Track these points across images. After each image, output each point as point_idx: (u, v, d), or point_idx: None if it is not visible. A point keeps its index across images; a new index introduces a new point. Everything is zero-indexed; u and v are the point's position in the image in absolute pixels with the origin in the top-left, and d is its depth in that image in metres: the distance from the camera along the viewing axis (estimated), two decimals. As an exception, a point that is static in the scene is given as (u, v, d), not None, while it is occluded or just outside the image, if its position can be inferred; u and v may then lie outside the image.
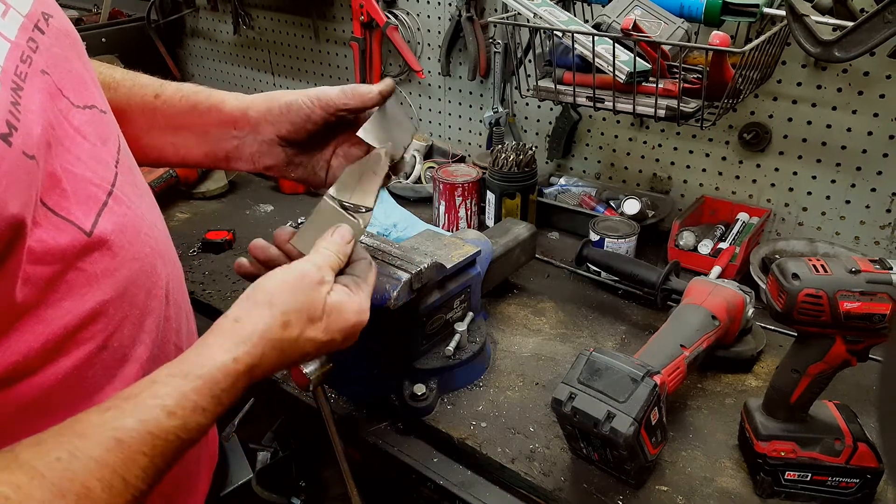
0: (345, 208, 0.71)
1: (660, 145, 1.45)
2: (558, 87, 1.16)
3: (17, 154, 0.45)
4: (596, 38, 1.06)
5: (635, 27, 1.03)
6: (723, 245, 1.26)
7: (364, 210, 0.72)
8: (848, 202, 1.26)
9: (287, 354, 0.61)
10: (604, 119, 1.51)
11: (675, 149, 1.44)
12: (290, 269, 0.64)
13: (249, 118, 0.76)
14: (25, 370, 0.51)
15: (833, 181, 1.26)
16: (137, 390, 0.52)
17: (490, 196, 1.38)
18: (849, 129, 1.21)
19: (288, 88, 0.79)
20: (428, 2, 1.65)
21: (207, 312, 1.20)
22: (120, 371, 0.58)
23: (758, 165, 1.34)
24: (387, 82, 0.75)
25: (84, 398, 0.56)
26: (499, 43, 1.51)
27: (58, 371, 0.53)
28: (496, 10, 1.53)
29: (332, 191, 0.72)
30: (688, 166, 1.43)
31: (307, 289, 0.62)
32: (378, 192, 0.73)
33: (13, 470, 0.44)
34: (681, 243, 1.29)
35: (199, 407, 0.53)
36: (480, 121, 1.70)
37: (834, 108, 1.21)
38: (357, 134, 0.75)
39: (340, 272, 0.68)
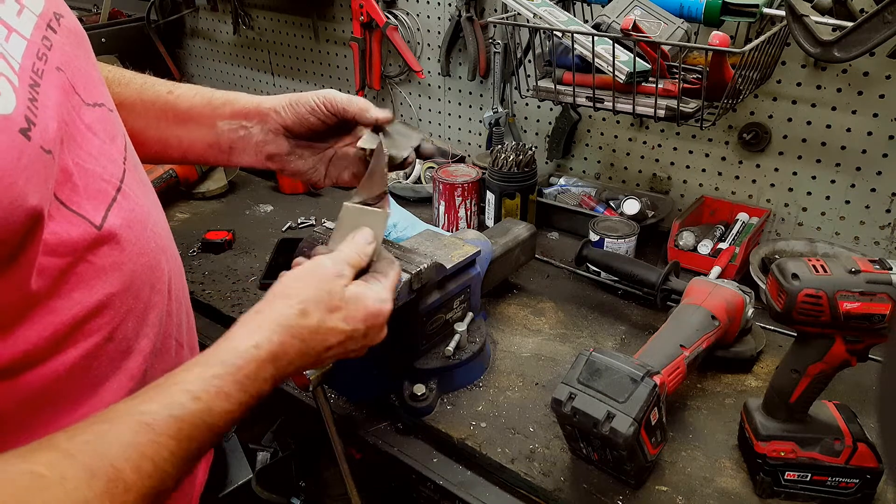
0: (366, 205, 0.75)
1: (659, 145, 1.45)
2: (558, 87, 1.16)
3: (36, 148, 0.47)
4: (596, 38, 1.06)
5: (635, 27, 1.03)
6: (722, 245, 1.26)
7: (379, 201, 0.76)
8: (848, 202, 1.26)
9: (310, 344, 0.62)
10: (604, 119, 1.51)
11: (675, 149, 1.44)
12: (308, 263, 0.67)
13: (261, 109, 0.81)
14: (34, 359, 0.52)
15: (833, 181, 1.26)
16: (162, 380, 0.53)
17: (490, 196, 1.38)
18: (848, 130, 1.21)
19: (288, 88, 0.81)
20: (428, 2, 1.65)
21: (207, 312, 1.20)
22: (124, 363, 0.60)
23: (757, 165, 1.34)
24: (387, 114, 0.79)
25: (89, 389, 0.57)
26: (499, 43, 1.51)
27: (65, 361, 0.54)
28: (496, 10, 1.53)
29: (351, 199, 0.77)
30: (687, 166, 1.44)
31: (323, 280, 0.64)
32: (386, 178, 0.77)
33: (45, 450, 0.45)
34: (680, 243, 1.29)
35: (223, 392, 0.54)
36: (480, 121, 1.70)
37: (833, 109, 1.21)
38: (357, 145, 0.80)
39: (364, 272, 0.70)
